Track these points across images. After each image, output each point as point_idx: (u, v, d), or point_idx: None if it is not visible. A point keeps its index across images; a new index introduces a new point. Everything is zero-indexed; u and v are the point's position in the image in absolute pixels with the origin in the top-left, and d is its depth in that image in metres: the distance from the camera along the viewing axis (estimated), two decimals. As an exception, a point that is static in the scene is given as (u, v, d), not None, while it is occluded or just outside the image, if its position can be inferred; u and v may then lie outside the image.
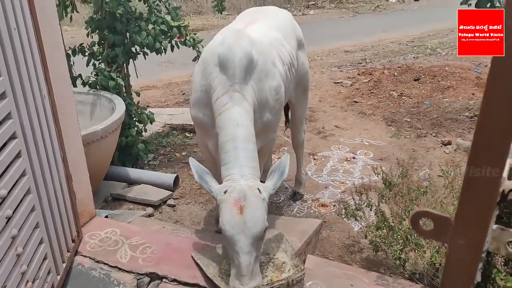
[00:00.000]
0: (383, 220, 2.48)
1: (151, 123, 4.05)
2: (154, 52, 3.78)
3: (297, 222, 3.21)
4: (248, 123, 2.37)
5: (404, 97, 6.12)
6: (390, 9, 15.97)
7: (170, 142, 4.70)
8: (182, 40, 3.79)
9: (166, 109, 6.10)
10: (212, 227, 3.21)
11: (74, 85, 3.98)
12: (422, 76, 6.66)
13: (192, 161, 2.23)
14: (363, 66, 8.26)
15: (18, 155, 1.71)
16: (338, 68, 8.30)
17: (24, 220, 1.73)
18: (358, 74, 7.39)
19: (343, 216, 2.82)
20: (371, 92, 6.45)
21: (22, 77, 1.74)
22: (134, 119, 3.97)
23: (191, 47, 3.80)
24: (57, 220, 2.06)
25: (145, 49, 3.79)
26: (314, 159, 4.55)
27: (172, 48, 3.86)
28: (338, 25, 12.76)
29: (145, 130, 4.11)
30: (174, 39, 3.79)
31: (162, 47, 3.72)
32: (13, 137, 1.67)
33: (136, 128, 3.90)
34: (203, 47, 3.86)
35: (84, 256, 2.32)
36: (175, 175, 3.75)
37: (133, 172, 3.76)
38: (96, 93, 3.64)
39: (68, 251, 2.23)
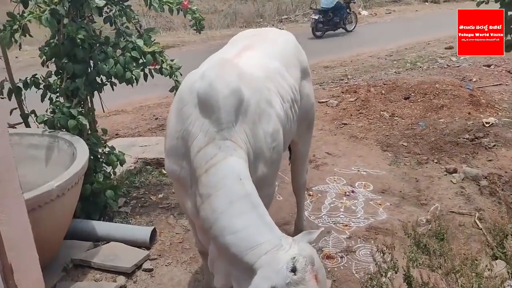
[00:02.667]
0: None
1: (121, 165, 3.43)
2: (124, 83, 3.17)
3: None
4: (249, 176, 1.86)
5: (396, 118, 5.72)
6: (363, 22, 15.85)
7: (144, 182, 4.08)
8: (158, 67, 3.21)
9: (138, 139, 5.47)
10: (201, 297, 2.63)
11: (27, 125, 3.34)
12: (412, 94, 6.29)
13: None
14: (346, 83, 7.89)
15: None
16: (320, 85, 7.90)
17: None
18: (342, 92, 6.98)
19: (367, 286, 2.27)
20: (360, 113, 6.03)
21: None
22: (101, 160, 3.34)
23: (168, 76, 3.22)
24: None
25: (113, 79, 3.18)
26: (309, 195, 4.03)
27: (145, 77, 3.27)
28: (313, 40, 12.44)
29: (114, 174, 3.49)
30: (148, 67, 3.20)
31: (134, 77, 3.12)
32: None
33: (103, 172, 3.26)
34: (181, 75, 3.29)
35: None
36: (151, 228, 3.14)
37: (100, 227, 3.13)
38: (52, 134, 3.00)
39: None
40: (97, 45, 3.07)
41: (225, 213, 1.73)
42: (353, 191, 4.08)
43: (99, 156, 3.33)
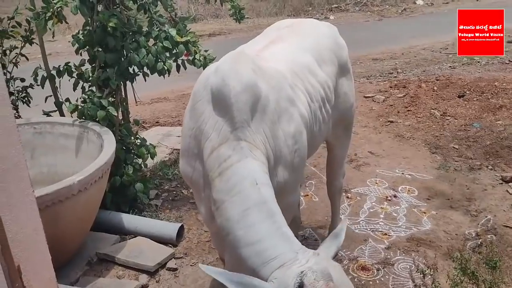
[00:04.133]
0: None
1: (151, 158, 3.34)
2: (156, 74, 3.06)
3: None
4: (268, 180, 1.69)
5: (448, 117, 5.31)
6: (418, 12, 15.08)
7: (177, 174, 3.99)
8: (190, 58, 3.07)
9: (176, 128, 5.39)
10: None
11: (61, 113, 3.33)
12: (467, 92, 5.84)
13: (212, 271, 1.50)
14: (395, 77, 7.48)
15: None
16: (367, 79, 7.54)
17: None
18: (391, 87, 6.62)
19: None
20: (408, 110, 5.66)
21: None
22: (132, 152, 3.27)
23: (201, 67, 3.07)
24: None
25: (145, 70, 3.08)
26: (348, 197, 3.80)
27: (178, 68, 3.15)
28: (363, 30, 11.94)
29: (145, 166, 3.41)
30: (181, 58, 3.08)
31: (166, 68, 3.00)
32: None
33: (133, 165, 3.19)
34: (215, 66, 3.13)
35: None
36: (179, 225, 3.04)
37: (128, 220, 3.07)
38: (82, 124, 2.96)
39: None
40: (130, 33, 2.98)
41: (240, 223, 1.58)
42: (395, 196, 3.80)
43: (130, 148, 3.26)
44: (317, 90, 2.11)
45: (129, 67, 3.08)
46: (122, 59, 3.04)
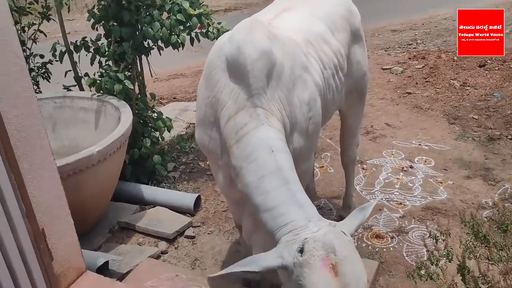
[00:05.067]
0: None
1: (168, 131, 3.41)
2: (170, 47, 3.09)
3: (347, 265, 2.51)
4: (285, 147, 1.71)
5: (468, 88, 5.21)
6: (440, -21, 14.58)
7: (194, 148, 4.07)
8: (204, 31, 3.09)
9: (192, 103, 5.45)
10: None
11: (80, 87, 3.41)
12: (489, 61, 5.69)
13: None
14: (414, 48, 7.33)
15: None
16: (385, 51, 7.40)
17: None
18: (409, 58, 6.50)
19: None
20: (427, 81, 5.57)
21: None
22: (149, 125, 3.34)
23: (215, 40, 3.09)
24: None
25: (160, 43, 3.12)
26: (363, 168, 3.81)
27: (191, 41, 3.17)
28: (383, 0, 11.62)
29: (162, 139, 3.48)
30: (194, 31, 3.09)
31: (179, 41, 3.03)
32: None
33: (151, 138, 3.26)
34: (229, 39, 3.14)
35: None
36: (196, 195, 3.12)
37: (148, 191, 3.16)
38: (100, 98, 3.03)
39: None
40: (144, 7, 3.00)
41: (257, 189, 1.61)
42: (411, 167, 3.79)
43: (147, 121, 3.33)
44: (330, 58, 2.11)
45: (143, 41, 3.11)
46: (137, 33, 3.08)
